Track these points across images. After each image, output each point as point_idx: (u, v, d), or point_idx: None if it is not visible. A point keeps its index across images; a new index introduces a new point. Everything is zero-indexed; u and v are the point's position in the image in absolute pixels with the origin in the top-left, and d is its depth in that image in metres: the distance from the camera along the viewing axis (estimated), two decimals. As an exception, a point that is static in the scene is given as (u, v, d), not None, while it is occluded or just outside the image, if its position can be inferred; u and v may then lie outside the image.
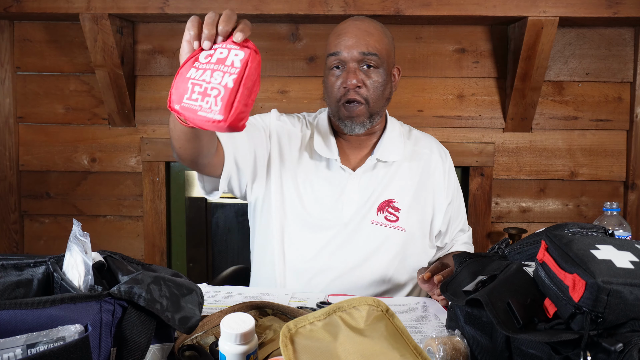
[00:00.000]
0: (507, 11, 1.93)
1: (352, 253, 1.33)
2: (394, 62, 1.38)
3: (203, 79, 0.84)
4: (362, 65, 1.29)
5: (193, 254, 2.37)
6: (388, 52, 1.33)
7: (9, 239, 2.30)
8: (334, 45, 1.31)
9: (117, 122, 2.22)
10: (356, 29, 1.30)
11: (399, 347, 0.74)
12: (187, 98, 0.84)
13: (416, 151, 1.42)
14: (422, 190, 1.39)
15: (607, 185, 2.24)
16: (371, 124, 1.34)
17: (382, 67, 1.31)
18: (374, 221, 1.34)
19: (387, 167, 1.38)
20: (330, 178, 1.37)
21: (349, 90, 1.29)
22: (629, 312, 0.65)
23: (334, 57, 1.30)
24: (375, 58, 1.29)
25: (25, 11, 2.00)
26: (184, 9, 1.96)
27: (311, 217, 1.34)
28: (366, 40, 1.29)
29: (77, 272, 0.75)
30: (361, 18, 1.35)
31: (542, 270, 0.75)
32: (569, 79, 2.20)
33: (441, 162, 1.43)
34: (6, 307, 0.65)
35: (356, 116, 1.31)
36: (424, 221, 1.38)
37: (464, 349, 0.79)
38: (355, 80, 1.28)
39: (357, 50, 1.28)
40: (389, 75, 1.34)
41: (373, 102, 1.31)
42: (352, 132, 1.33)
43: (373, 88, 1.30)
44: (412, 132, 1.47)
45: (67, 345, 0.62)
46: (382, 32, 1.33)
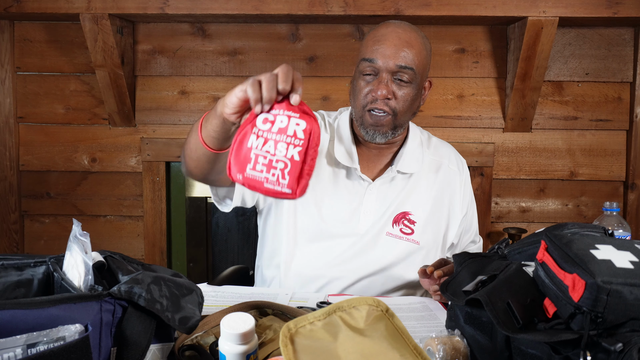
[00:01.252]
0: (507, 11, 1.93)
1: (366, 264, 1.30)
2: (427, 76, 1.33)
3: (267, 151, 0.82)
4: (396, 77, 1.24)
5: (193, 254, 2.37)
6: (424, 66, 1.28)
7: (9, 239, 2.30)
8: (370, 51, 1.25)
9: (117, 122, 2.22)
10: (397, 38, 1.24)
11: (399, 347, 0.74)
12: (250, 168, 0.83)
13: (435, 161, 1.40)
14: (438, 203, 1.37)
15: (606, 185, 2.24)
16: (393, 135, 1.30)
17: (415, 81, 1.25)
18: (389, 233, 1.32)
19: (406, 178, 1.35)
20: (349, 187, 1.33)
21: (378, 100, 1.24)
22: (628, 312, 0.66)
23: (368, 63, 1.24)
24: (411, 72, 1.24)
25: (25, 11, 2.00)
26: (184, 9, 1.96)
27: (327, 226, 1.31)
28: (405, 52, 1.23)
29: (77, 272, 0.75)
30: (403, 25, 1.27)
31: (542, 270, 0.75)
32: (568, 79, 2.20)
33: (458, 173, 1.42)
34: (6, 307, 0.65)
35: (381, 125, 1.26)
36: (438, 234, 1.37)
37: (464, 349, 0.79)
38: (386, 92, 1.23)
39: (393, 61, 1.22)
40: (420, 89, 1.29)
41: (400, 115, 1.26)
42: (373, 140, 1.29)
43: (402, 101, 1.25)
44: (431, 140, 1.44)
45: (67, 345, 0.62)
46: (423, 44, 1.27)
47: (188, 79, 2.23)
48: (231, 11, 1.96)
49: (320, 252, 1.31)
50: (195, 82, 2.23)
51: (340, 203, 1.32)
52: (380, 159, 1.36)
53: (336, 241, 1.31)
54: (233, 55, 2.21)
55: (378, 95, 1.24)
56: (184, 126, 2.23)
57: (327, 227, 1.31)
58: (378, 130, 1.27)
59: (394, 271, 1.31)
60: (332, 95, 2.21)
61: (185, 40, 2.21)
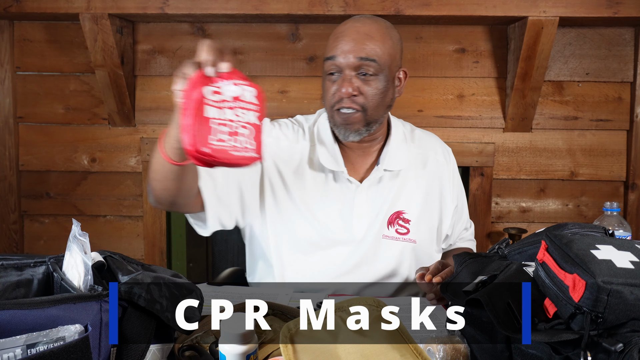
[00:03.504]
0: (507, 11, 1.93)
1: (367, 272, 1.27)
2: (400, 65, 1.28)
3: (230, 119, 0.82)
4: (360, 72, 1.20)
5: (193, 254, 2.37)
6: (392, 55, 1.22)
7: (9, 239, 2.30)
8: (331, 49, 1.22)
9: (117, 122, 2.22)
10: (355, 32, 1.20)
11: (399, 347, 0.74)
12: (213, 139, 0.81)
13: (421, 155, 1.36)
14: (430, 198, 1.34)
15: (607, 185, 2.24)
16: (368, 131, 1.25)
17: (382, 73, 1.21)
18: (385, 236, 1.29)
19: (394, 176, 1.31)
20: (338, 192, 1.28)
21: (344, 99, 1.20)
22: (629, 312, 0.65)
23: (330, 61, 1.21)
24: (374, 64, 1.19)
25: (25, 11, 2.00)
26: (184, 9, 1.96)
27: (321, 235, 1.27)
28: (365, 44, 1.19)
29: (77, 272, 0.75)
30: (362, 19, 1.24)
31: (542, 270, 0.75)
32: (569, 79, 2.20)
33: (446, 164, 1.38)
34: (6, 307, 0.65)
35: (351, 123, 1.22)
36: (432, 228, 1.34)
37: (464, 349, 0.79)
38: (351, 89, 1.19)
39: (353, 55, 1.18)
40: (391, 80, 1.24)
41: (371, 110, 1.22)
42: (347, 139, 1.25)
43: (370, 96, 1.21)
44: (415, 133, 1.40)
45: (67, 345, 0.62)
46: (386, 34, 1.22)
47: (188, 79, 2.23)
48: (231, 11, 1.96)
49: (318, 264, 1.27)
50: (195, 82, 2.23)
51: (331, 210, 1.28)
52: (365, 159, 1.32)
53: (333, 251, 1.27)
54: (233, 55, 2.21)
55: (343, 94, 1.20)
56: (184, 126, 2.23)
57: (322, 237, 1.27)
58: (349, 128, 1.23)
59: (395, 274, 1.29)
60: (332, 95, 2.21)
61: (185, 40, 2.20)
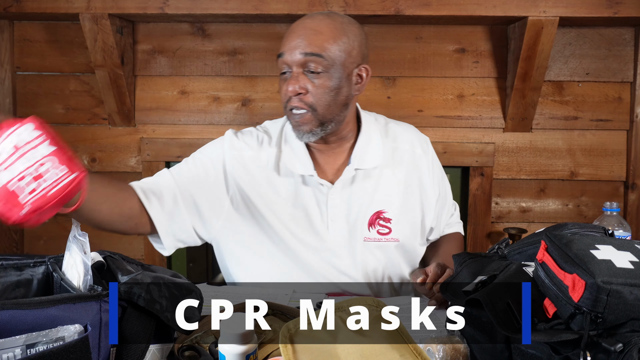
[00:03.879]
0: (507, 11, 1.93)
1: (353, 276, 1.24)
2: (359, 62, 1.21)
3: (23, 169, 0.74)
4: (307, 69, 1.15)
5: (193, 254, 2.37)
6: (346, 51, 1.17)
7: (8, 239, 2.30)
8: (281, 46, 1.18)
9: (117, 122, 2.22)
10: (302, 28, 1.16)
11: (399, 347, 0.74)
12: (25, 197, 0.74)
13: (397, 149, 1.30)
14: (409, 193, 1.29)
15: (607, 185, 2.24)
16: (324, 131, 1.19)
17: (332, 69, 1.15)
18: (367, 239, 1.25)
19: (369, 174, 1.26)
20: (310, 196, 1.24)
21: (291, 98, 1.17)
22: (628, 312, 0.65)
23: (280, 59, 1.18)
24: (321, 60, 1.14)
25: (25, 11, 2.00)
26: (184, 9, 1.96)
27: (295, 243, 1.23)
28: (310, 39, 1.14)
29: (77, 272, 0.75)
30: (315, 15, 1.19)
31: (542, 271, 0.75)
32: (569, 79, 2.20)
33: (424, 155, 1.32)
34: (6, 307, 0.65)
35: (303, 124, 1.18)
36: (415, 224, 1.30)
37: (464, 349, 0.79)
38: (297, 87, 1.15)
39: (299, 51, 1.14)
40: (345, 78, 1.18)
41: (321, 109, 1.17)
42: (302, 140, 1.21)
43: (319, 94, 1.15)
44: (389, 126, 1.34)
45: (66, 345, 0.62)
46: (339, 29, 1.17)
47: (188, 79, 2.23)
48: (231, 11, 1.96)
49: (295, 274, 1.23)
50: (195, 82, 2.23)
51: (304, 215, 1.24)
52: (336, 159, 1.27)
53: (311, 258, 1.23)
54: (233, 55, 2.21)
55: (289, 92, 1.16)
56: (184, 126, 2.23)
57: (296, 246, 1.23)
58: (301, 129, 1.19)
59: (379, 276, 1.27)
60: (332, 95, 2.21)
61: (185, 40, 2.20)
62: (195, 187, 1.23)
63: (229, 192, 1.25)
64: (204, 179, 1.24)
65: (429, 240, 1.40)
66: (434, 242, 1.42)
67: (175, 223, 1.21)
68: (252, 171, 1.25)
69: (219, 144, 1.29)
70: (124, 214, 1.14)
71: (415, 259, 1.34)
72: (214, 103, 2.23)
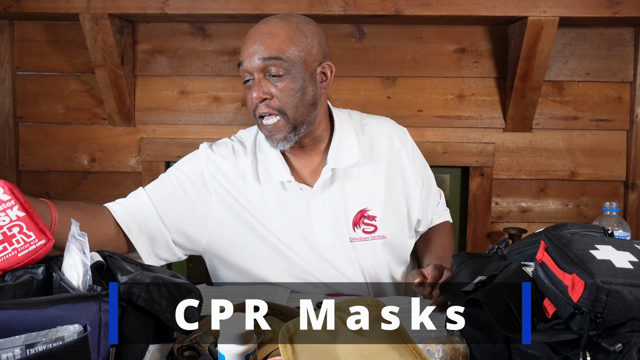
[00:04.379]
0: (507, 11, 1.93)
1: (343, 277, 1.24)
2: (321, 60, 1.20)
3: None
4: (268, 74, 1.15)
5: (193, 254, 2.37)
6: (305, 50, 1.16)
7: (9, 239, 2.30)
8: (240, 55, 1.18)
9: (117, 122, 2.22)
10: (257, 33, 1.16)
11: (399, 347, 0.74)
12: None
13: (374, 144, 1.29)
14: (392, 188, 1.28)
15: (607, 185, 2.24)
16: (297, 136, 1.19)
17: (294, 69, 1.15)
18: (353, 239, 1.24)
19: (348, 173, 1.25)
20: (292, 202, 1.23)
21: (259, 105, 1.16)
22: (628, 312, 0.65)
23: (241, 68, 1.18)
24: (280, 62, 1.13)
25: (25, 11, 2.00)
26: (184, 9, 1.96)
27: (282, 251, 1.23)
28: (266, 44, 1.14)
29: (76, 272, 0.75)
30: (268, 19, 1.19)
31: (542, 271, 0.75)
32: (569, 79, 2.20)
33: (403, 147, 1.31)
34: (5, 307, 0.65)
35: (276, 132, 1.17)
36: (401, 218, 1.29)
37: (464, 349, 0.79)
38: (261, 93, 1.14)
39: (257, 57, 1.14)
40: (308, 77, 1.17)
41: (291, 112, 1.16)
42: (277, 148, 1.20)
43: (286, 97, 1.15)
44: (363, 122, 1.32)
45: (66, 345, 0.62)
46: (294, 29, 1.16)
47: (188, 79, 2.23)
48: (231, 11, 1.96)
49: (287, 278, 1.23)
50: (195, 82, 2.23)
51: (287, 222, 1.23)
52: (311, 161, 1.27)
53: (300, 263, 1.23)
54: (233, 55, 2.21)
55: (254, 99, 1.16)
56: (184, 126, 2.24)
57: (284, 252, 1.23)
58: (275, 138, 1.18)
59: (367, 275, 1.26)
60: (332, 95, 2.21)
61: (185, 40, 2.21)
62: (175, 205, 1.23)
63: (211, 207, 1.24)
64: (182, 195, 1.23)
65: (418, 232, 1.39)
66: (424, 235, 1.41)
67: (156, 244, 1.22)
68: (232, 183, 1.24)
69: (194, 159, 1.28)
70: (99, 241, 1.13)
71: (405, 253, 1.33)
72: (214, 103, 2.23)
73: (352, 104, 2.19)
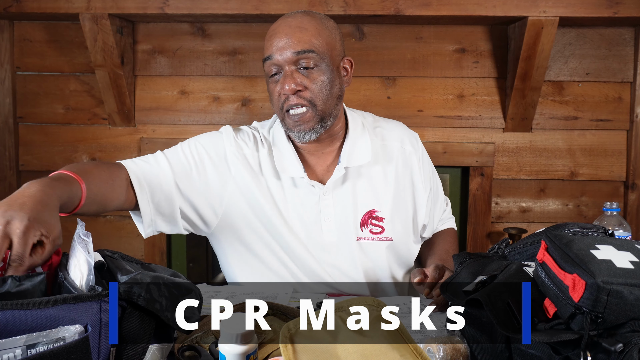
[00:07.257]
0: (507, 11, 1.93)
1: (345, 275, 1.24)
2: (342, 55, 1.23)
3: None
4: (300, 66, 1.16)
5: (193, 254, 2.37)
6: (331, 44, 1.18)
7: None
8: (267, 49, 1.18)
9: (117, 122, 2.22)
10: (287, 27, 1.17)
11: (399, 347, 0.74)
12: None
13: (386, 146, 1.30)
14: (401, 191, 1.29)
15: (607, 185, 2.24)
16: (324, 128, 1.20)
17: (323, 63, 1.17)
18: (359, 238, 1.24)
19: (359, 173, 1.26)
20: (302, 198, 1.23)
21: (290, 96, 1.16)
22: (629, 312, 0.65)
23: (269, 62, 1.18)
24: (313, 55, 1.15)
25: (25, 11, 2.00)
26: (184, 9, 1.96)
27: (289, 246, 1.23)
28: (299, 37, 1.15)
29: (80, 271, 0.75)
30: (293, 14, 1.20)
31: (542, 271, 0.75)
32: (569, 79, 2.20)
33: (414, 151, 1.32)
34: (6, 307, 0.65)
35: (304, 123, 1.18)
36: (407, 222, 1.30)
37: (464, 349, 0.79)
38: (294, 85, 1.15)
39: (290, 50, 1.15)
40: (335, 70, 1.20)
41: (321, 105, 1.17)
42: (303, 140, 1.20)
43: (317, 89, 1.16)
44: (376, 124, 1.33)
45: (67, 345, 0.62)
46: (320, 24, 1.18)
47: (188, 79, 2.23)
48: (231, 11, 1.96)
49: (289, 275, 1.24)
50: (195, 82, 2.23)
51: (297, 217, 1.23)
52: (325, 158, 1.27)
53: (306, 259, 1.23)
54: (233, 55, 2.21)
55: (287, 91, 1.15)
56: (184, 126, 2.23)
57: (291, 246, 1.23)
58: (302, 128, 1.18)
59: (372, 275, 1.26)
60: (332, 95, 2.21)
61: (185, 40, 2.21)
62: (194, 178, 1.21)
63: (227, 186, 1.23)
64: (201, 170, 1.22)
65: (423, 238, 1.40)
66: (429, 240, 1.42)
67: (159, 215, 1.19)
68: (252, 168, 1.24)
69: (217, 138, 1.27)
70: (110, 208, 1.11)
71: (409, 259, 1.34)
72: (214, 103, 2.23)
73: (352, 104, 2.18)
